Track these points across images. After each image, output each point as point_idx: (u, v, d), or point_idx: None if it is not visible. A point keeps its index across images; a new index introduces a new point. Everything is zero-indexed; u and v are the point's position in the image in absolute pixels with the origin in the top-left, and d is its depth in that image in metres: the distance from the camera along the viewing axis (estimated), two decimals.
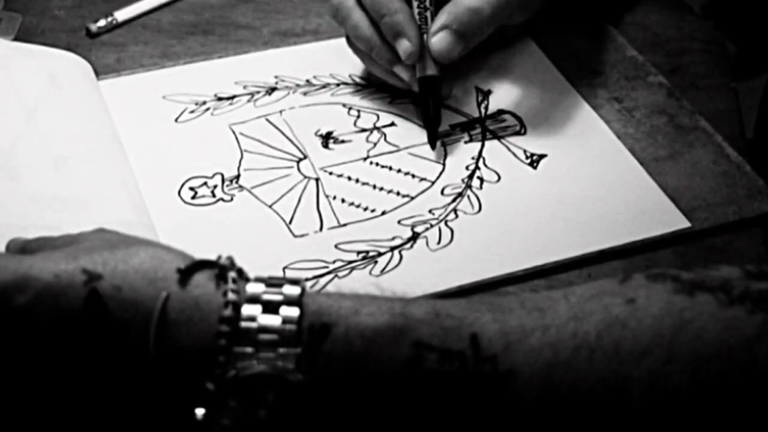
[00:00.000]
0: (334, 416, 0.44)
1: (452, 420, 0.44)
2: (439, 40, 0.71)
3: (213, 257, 0.47)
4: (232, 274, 0.45)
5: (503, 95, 0.76)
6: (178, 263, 0.45)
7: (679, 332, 0.43)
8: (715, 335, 0.43)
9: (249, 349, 0.43)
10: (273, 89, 0.76)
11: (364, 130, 0.73)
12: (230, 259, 0.47)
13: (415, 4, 0.72)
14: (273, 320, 0.44)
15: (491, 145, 0.72)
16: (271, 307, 0.44)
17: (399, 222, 0.66)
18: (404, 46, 0.70)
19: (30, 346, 0.44)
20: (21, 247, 0.53)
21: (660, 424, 0.43)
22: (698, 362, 0.43)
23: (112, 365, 0.44)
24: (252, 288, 0.45)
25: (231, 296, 0.44)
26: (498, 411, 0.43)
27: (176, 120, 0.73)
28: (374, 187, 0.69)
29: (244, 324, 0.44)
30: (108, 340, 0.43)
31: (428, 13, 0.72)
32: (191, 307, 0.44)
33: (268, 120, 0.74)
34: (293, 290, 0.45)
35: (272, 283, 0.45)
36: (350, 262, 0.64)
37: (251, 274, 0.47)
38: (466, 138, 0.73)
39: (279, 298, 0.45)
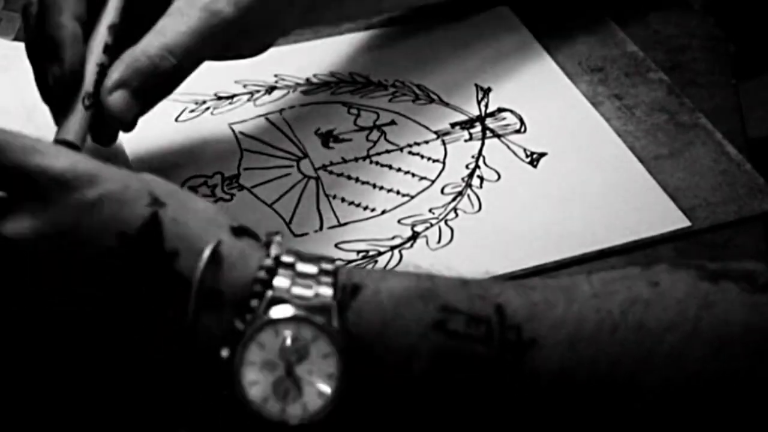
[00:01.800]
0: (360, 376, 0.44)
1: (474, 391, 0.44)
2: (116, 100, 0.59)
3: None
4: (277, 238, 0.47)
5: (503, 93, 0.76)
6: (230, 221, 0.47)
7: (702, 312, 0.44)
8: (739, 319, 0.44)
9: (283, 293, 0.44)
10: (273, 88, 0.76)
11: (364, 129, 0.73)
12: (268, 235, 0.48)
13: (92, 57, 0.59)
14: (310, 268, 0.45)
15: (491, 143, 0.72)
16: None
17: (399, 221, 0.66)
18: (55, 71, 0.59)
19: (84, 247, 0.44)
20: None
21: (680, 402, 0.43)
22: (721, 343, 0.43)
23: (150, 295, 0.44)
24: (288, 257, 0.46)
25: (274, 250, 0.45)
26: (521, 381, 0.44)
27: (176, 119, 0.73)
28: (374, 186, 0.69)
29: (282, 270, 0.45)
30: (153, 266, 0.44)
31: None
32: (237, 255, 0.45)
33: (267, 119, 0.74)
34: (326, 261, 0.46)
35: (305, 256, 0.46)
36: (350, 261, 0.64)
37: None
38: (466, 136, 0.73)
39: (314, 265, 0.46)
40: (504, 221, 0.66)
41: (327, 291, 0.45)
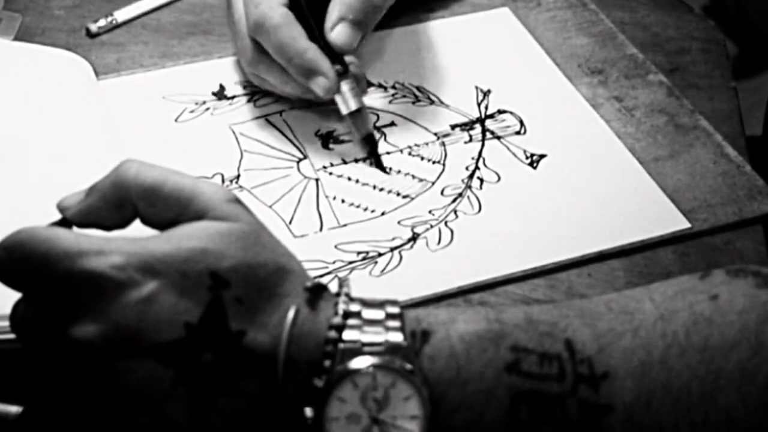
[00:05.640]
0: (438, 422, 0.45)
1: (552, 428, 0.45)
2: (338, 34, 0.69)
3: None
4: (345, 289, 0.47)
5: (503, 94, 0.76)
6: (299, 280, 0.47)
7: (764, 324, 0.45)
8: None
9: (356, 345, 0.45)
10: None
11: None
12: (341, 279, 0.48)
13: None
14: (376, 314, 0.46)
15: (491, 145, 0.72)
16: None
17: (399, 222, 0.66)
18: (321, 82, 0.68)
19: (152, 341, 0.44)
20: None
21: (754, 415, 0.44)
22: None
23: (219, 374, 0.44)
24: (354, 306, 0.47)
25: (342, 306, 0.46)
26: (598, 413, 0.45)
27: (176, 120, 0.73)
28: (374, 187, 0.69)
29: (351, 321, 0.45)
30: (219, 348, 0.44)
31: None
32: (308, 321, 0.46)
33: (268, 120, 0.74)
34: (390, 305, 0.47)
35: (369, 302, 0.47)
36: (350, 262, 0.64)
37: None
38: (466, 138, 0.73)
39: (380, 310, 0.46)
40: (504, 223, 0.66)
41: (397, 337, 0.45)
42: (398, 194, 0.68)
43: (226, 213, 0.47)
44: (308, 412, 0.44)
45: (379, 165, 0.70)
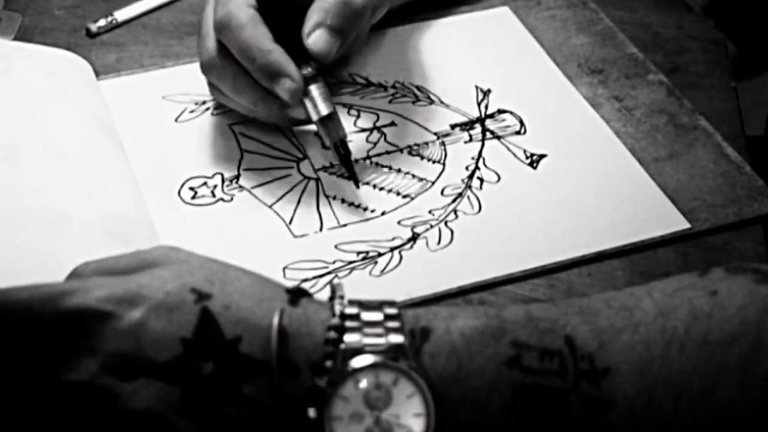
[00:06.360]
0: (441, 417, 0.45)
1: (554, 422, 0.45)
2: (315, 40, 0.66)
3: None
4: (339, 292, 0.47)
5: (503, 94, 0.76)
6: (278, 288, 0.47)
7: (764, 318, 0.45)
8: None
9: (357, 345, 0.45)
10: None
11: (363, 130, 0.73)
12: (333, 285, 0.49)
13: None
14: (375, 316, 0.46)
15: (491, 144, 0.72)
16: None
17: (399, 222, 0.66)
18: (286, 85, 0.66)
19: (143, 360, 0.44)
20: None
21: (755, 408, 0.44)
22: None
23: (224, 383, 0.44)
24: (352, 308, 0.47)
25: (338, 307, 0.46)
26: (600, 408, 0.45)
27: (176, 120, 0.73)
28: (374, 187, 0.69)
29: (350, 323, 0.45)
30: (220, 357, 0.44)
31: None
32: (300, 321, 0.46)
33: None
34: (388, 306, 0.47)
35: (367, 304, 0.47)
36: (350, 262, 0.64)
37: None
38: (466, 138, 0.73)
39: (378, 312, 0.46)
40: (504, 223, 0.66)
41: (397, 338, 0.45)
42: (398, 194, 0.68)
43: (164, 252, 0.49)
44: (311, 412, 0.44)
45: (352, 175, 0.68)
